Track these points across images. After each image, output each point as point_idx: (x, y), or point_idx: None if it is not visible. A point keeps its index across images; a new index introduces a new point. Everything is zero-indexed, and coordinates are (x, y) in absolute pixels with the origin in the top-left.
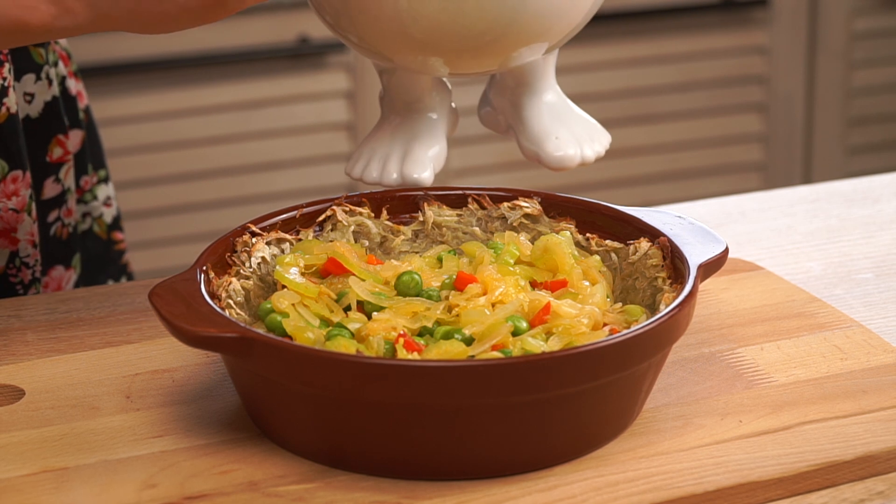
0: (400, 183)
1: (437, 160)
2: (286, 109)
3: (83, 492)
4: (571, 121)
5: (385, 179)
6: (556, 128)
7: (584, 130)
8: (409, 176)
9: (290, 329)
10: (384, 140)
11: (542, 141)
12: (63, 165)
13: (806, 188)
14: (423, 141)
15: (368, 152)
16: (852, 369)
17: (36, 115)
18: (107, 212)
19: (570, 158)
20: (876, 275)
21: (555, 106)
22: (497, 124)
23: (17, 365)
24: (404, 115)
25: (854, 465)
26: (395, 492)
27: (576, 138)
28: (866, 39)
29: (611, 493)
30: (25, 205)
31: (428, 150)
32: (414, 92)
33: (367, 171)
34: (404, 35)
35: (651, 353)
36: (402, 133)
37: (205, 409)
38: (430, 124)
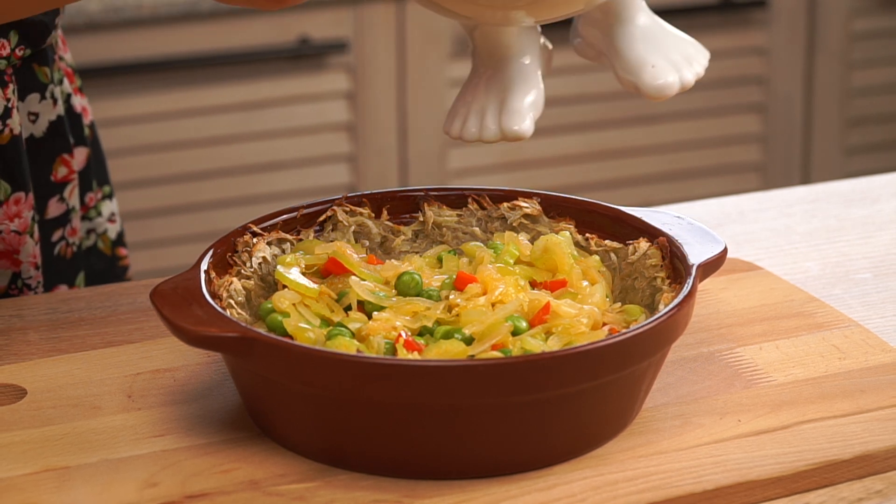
0: (500, 137)
1: (536, 107)
2: (287, 110)
3: (84, 491)
4: (666, 44)
5: (485, 135)
6: (651, 55)
7: (681, 53)
8: (509, 128)
9: (290, 329)
10: (478, 94)
11: (638, 71)
12: (68, 185)
13: (804, 188)
14: (519, 89)
15: (464, 108)
16: (850, 369)
17: (41, 134)
18: (111, 228)
19: (669, 87)
20: (874, 275)
21: (648, 30)
22: (589, 54)
23: (18, 364)
24: (495, 65)
25: (852, 465)
26: (396, 491)
27: (673, 64)
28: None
29: (610, 493)
30: (28, 226)
31: (524, 99)
32: (502, 40)
33: (466, 128)
34: None
35: (650, 353)
36: (496, 84)
37: (206, 408)
38: (522, 70)
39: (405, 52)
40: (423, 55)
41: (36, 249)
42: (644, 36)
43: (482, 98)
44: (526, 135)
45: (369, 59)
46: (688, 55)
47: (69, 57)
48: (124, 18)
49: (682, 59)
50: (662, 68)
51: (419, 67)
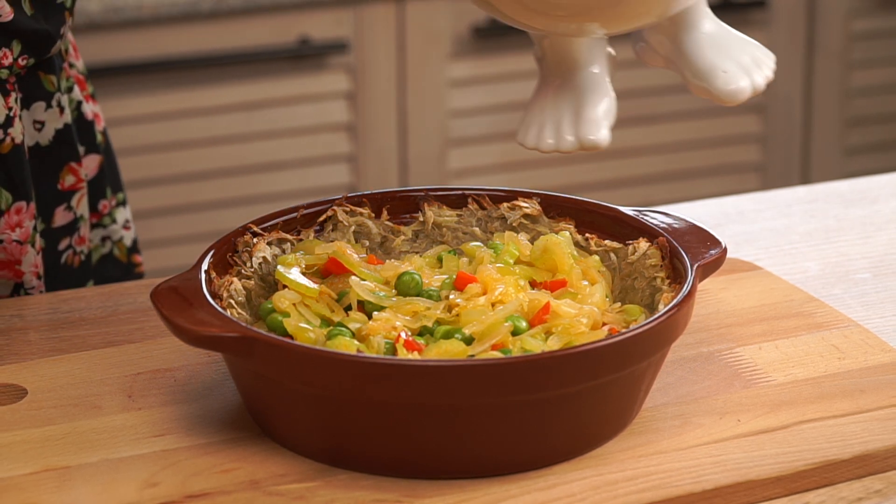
0: (578, 147)
1: (610, 115)
2: (287, 110)
3: (85, 490)
4: (735, 49)
5: (562, 145)
6: (721, 60)
7: (750, 57)
8: (586, 138)
9: (291, 329)
10: (550, 104)
11: (710, 77)
12: (75, 193)
13: (804, 188)
14: (592, 99)
15: (538, 119)
16: (850, 369)
17: (46, 142)
18: (126, 235)
19: (741, 91)
20: (873, 275)
21: (715, 36)
22: (654, 59)
23: (19, 364)
24: (565, 75)
25: (852, 464)
26: (396, 490)
27: (743, 68)
28: (864, 40)
29: (610, 492)
30: (29, 236)
31: (598, 108)
32: (572, 50)
33: (542, 138)
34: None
35: (650, 353)
36: (567, 93)
37: (206, 408)
38: (593, 79)
39: (405, 53)
40: (424, 56)
41: (38, 259)
42: (712, 42)
43: (555, 108)
44: (603, 144)
45: (369, 59)
46: (756, 59)
47: (81, 64)
48: (125, 19)
49: (752, 62)
50: (734, 73)
51: (419, 68)
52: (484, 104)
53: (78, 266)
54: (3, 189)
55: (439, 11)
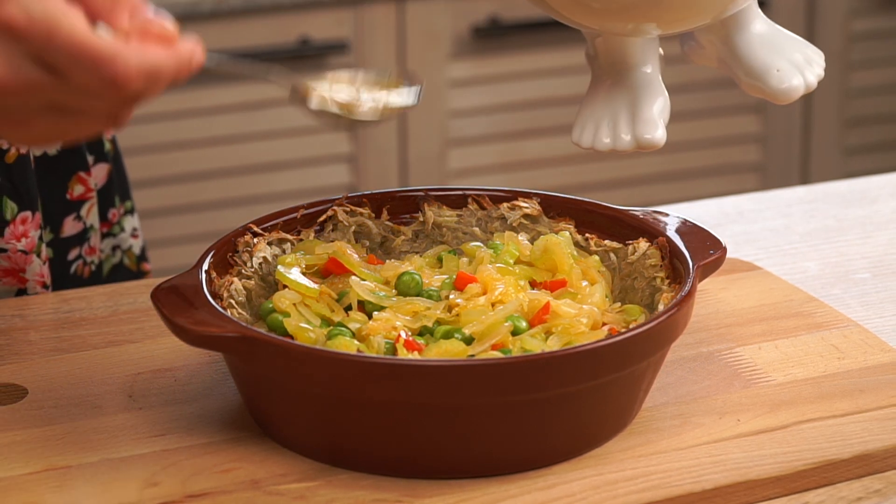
0: (635, 146)
1: (665, 114)
2: (287, 110)
3: (86, 490)
4: (786, 48)
5: (619, 145)
6: (774, 59)
7: (801, 55)
8: (642, 137)
9: (291, 328)
10: (604, 103)
11: (764, 76)
12: (85, 203)
13: (803, 189)
14: (647, 98)
15: (593, 118)
16: (849, 368)
17: (55, 152)
18: (135, 243)
19: (795, 89)
20: (873, 275)
21: (766, 35)
22: (705, 58)
23: (20, 364)
24: (618, 74)
25: (851, 464)
26: (396, 490)
27: (796, 66)
28: (864, 41)
29: (609, 492)
30: (34, 246)
31: (653, 107)
32: (626, 49)
33: (598, 138)
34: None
35: (650, 353)
36: (621, 93)
37: (206, 407)
38: (647, 78)
39: (405, 53)
40: (424, 56)
41: (44, 269)
42: (764, 41)
43: (610, 107)
44: (660, 143)
45: (369, 59)
46: (807, 57)
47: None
48: None
49: (804, 60)
50: (787, 71)
51: (419, 68)
52: (484, 104)
53: (88, 276)
54: (8, 199)
55: (439, 12)
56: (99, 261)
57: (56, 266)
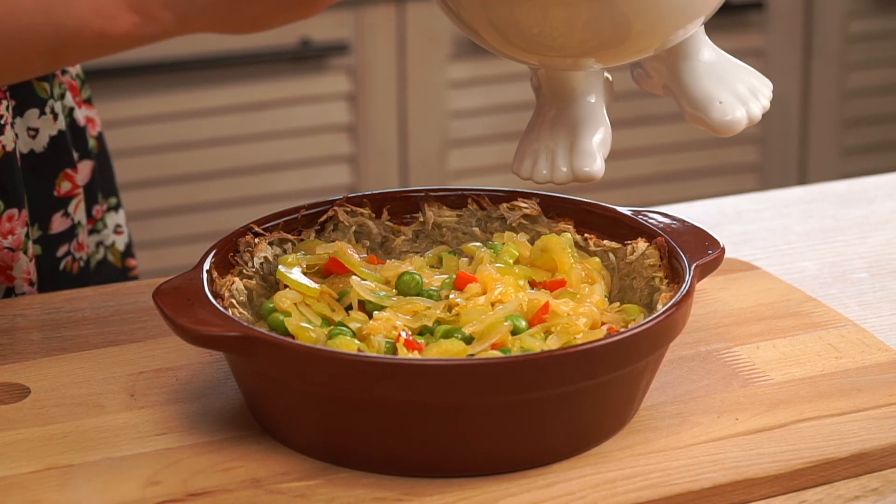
0: (572, 179)
1: (604, 145)
2: (288, 111)
3: (88, 489)
4: (732, 78)
5: (556, 177)
6: (717, 91)
7: (746, 86)
8: (580, 170)
9: (292, 328)
10: (546, 134)
11: (706, 108)
12: (72, 200)
13: (801, 189)
14: (587, 129)
15: (533, 149)
16: (847, 368)
17: (41, 149)
18: (118, 239)
19: (737, 122)
20: (870, 274)
21: (712, 64)
22: (651, 86)
23: (22, 363)
24: (561, 104)
25: (849, 463)
26: (396, 488)
27: (740, 99)
28: (861, 42)
29: (609, 490)
30: (21, 243)
31: (593, 139)
32: (569, 81)
33: (537, 170)
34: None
35: (648, 352)
36: (563, 123)
37: (208, 407)
38: (589, 109)
39: (405, 54)
40: (424, 57)
41: (30, 266)
42: (708, 71)
43: (550, 138)
44: (598, 176)
45: (370, 60)
46: (753, 88)
47: (74, 69)
48: None
49: (748, 92)
50: (730, 104)
51: (419, 69)
52: (483, 105)
53: (77, 273)
54: None
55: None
56: (87, 257)
57: (45, 263)
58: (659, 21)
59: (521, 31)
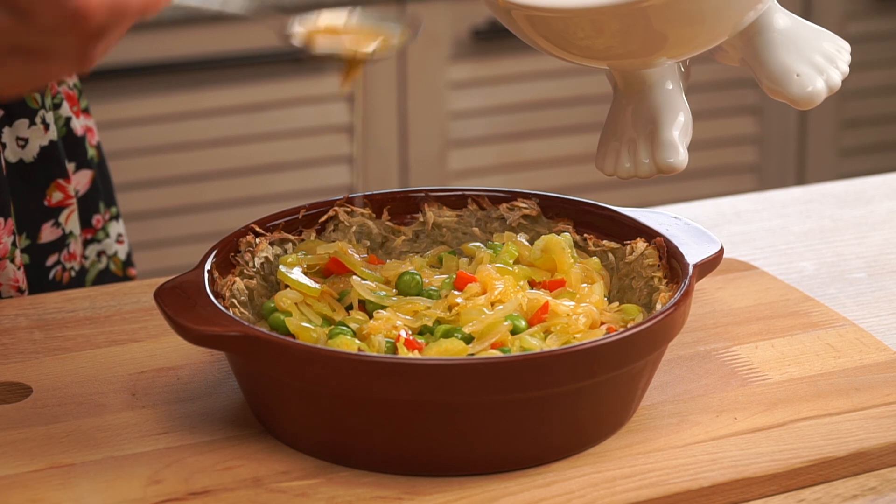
0: (656, 171)
1: (686, 133)
2: (288, 112)
3: (89, 487)
4: (808, 46)
5: (640, 171)
6: (794, 62)
7: (823, 53)
8: (663, 162)
9: (292, 328)
10: (626, 126)
11: (784, 82)
12: (64, 210)
13: (799, 189)
14: (666, 118)
15: (615, 143)
16: (845, 367)
17: (31, 159)
18: (120, 249)
19: (818, 94)
20: (868, 274)
21: (788, 33)
22: (728, 59)
23: (24, 363)
24: (638, 95)
25: (847, 462)
26: (396, 487)
27: (817, 68)
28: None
29: (608, 489)
30: (7, 252)
31: (674, 128)
32: (642, 73)
33: (620, 165)
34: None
35: (647, 352)
36: (642, 115)
37: (209, 406)
38: (667, 96)
39: (406, 55)
40: (424, 58)
41: (18, 274)
42: (785, 41)
43: (630, 131)
44: (682, 167)
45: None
46: (829, 54)
47: (72, 79)
48: None
49: (825, 59)
50: (808, 76)
51: (419, 70)
52: (483, 106)
53: (68, 282)
54: None
55: (439, 14)
56: (80, 266)
57: (33, 272)
58: (725, 12)
59: (578, 44)
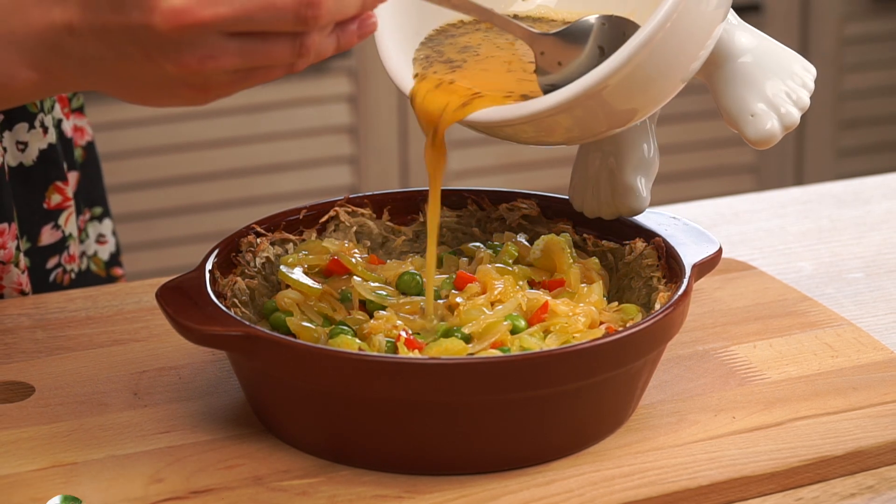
0: (619, 215)
1: (647, 170)
2: (290, 113)
3: (91, 486)
4: (767, 79)
5: (603, 213)
6: (749, 101)
7: (782, 87)
8: (623, 207)
9: (293, 327)
10: (593, 158)
11: (739, 123)
12: (63, 212)
13: (798, 189)
14: (627, 158)
15: (581, 184)
16: (843, 367)
17: (30, 163)
18: (101, 249)
19: (771, 136)
20: (866, 274)
21: (748, 66)
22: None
23: (27, 362)
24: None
25: (844, 460)
26: (397, 486)
27: (773, 106)
28: (857, 44)
29: (607, 488)
30: (12, 256)
31: (633, 170)
32: None
33: (586, 203)
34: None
35: (646, 351)
36: (605, 147)
37: (210, 405)
38: (629, 131)
39: None
40: None
41: (22, 277)
42: (744, 74)
43: (595, 162)
44: (642, 209)
45: (370, 62)
46: (790, 85)
47: None
48: None
49: (784, 94)
50: (762, 116)
51: None
52: None
53: (68, 284)
54: None
55: None
56: (78, 269)
57: (35, 275)
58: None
59: (555, 138)
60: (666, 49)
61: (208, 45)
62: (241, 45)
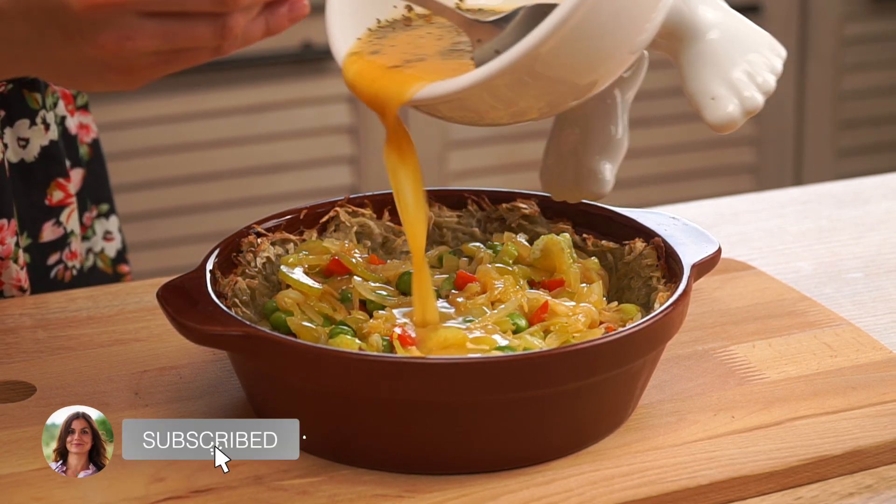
0: (582, 199)
1: (612, 152)
2: (290, 113)
3: (93, 486)
4: (732, 58)
5: (569, 198)
6: (711, 83)
7: (747, 67)
8: (588, 192)
9: (294, 327)
10: (558, 143)
11: (699, 106)
12: (64, 209)
13: (797, 190)
14: (591, 141)
15: (549, 166)
16: (842, 366)
17: (32, 159)
18: (108, 246)
19: (731, 120)
20: (865, 274)
21: (713, 43)
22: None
23: (28, 362)
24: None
25: (843, 460)
26: (397, 485)
27: (735, 89)
28: (856, 44)
29: (607, 487)
30: (11, 252)
31: (597, 153)
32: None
33: (554, 191)
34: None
35: (646, 351)
36: (572, 126)
37: (211, 404)
38: (595, 112)
39: None
40: None
41: (21, 273)
42: (709, 55)
43: (565, 143)
44: (605, 193)
45: None
46: (755, 66)
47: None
48: None
49: (747, 76)
50: (722, 99)
51: None
52: None
53: (70, 281)
54: None
55: None
56: (81, 265)
57: (35, 271)
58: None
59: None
60: (600, 15)
61: (125, 26)
62: (160, 25)
